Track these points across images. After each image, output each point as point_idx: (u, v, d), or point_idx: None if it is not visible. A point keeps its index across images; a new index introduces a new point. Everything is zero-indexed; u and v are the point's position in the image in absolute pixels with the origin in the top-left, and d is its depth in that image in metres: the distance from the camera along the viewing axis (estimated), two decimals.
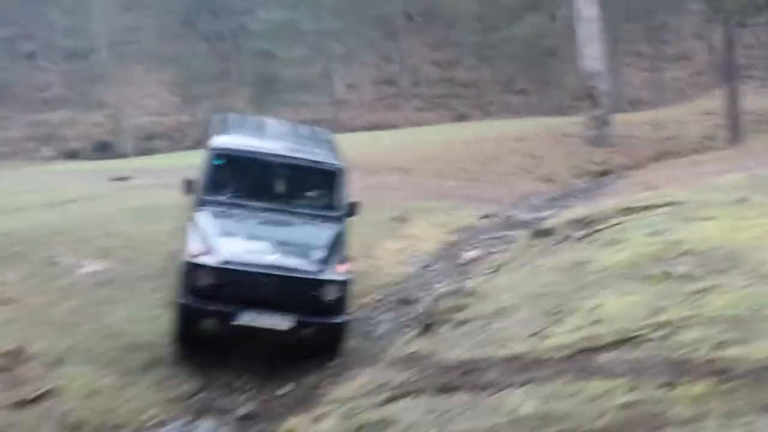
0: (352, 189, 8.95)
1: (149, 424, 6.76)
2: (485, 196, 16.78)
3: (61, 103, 43.54)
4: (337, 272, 7.53)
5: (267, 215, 8.24)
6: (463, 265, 11.16)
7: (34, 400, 6.50)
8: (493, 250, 11.73)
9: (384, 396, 5.69)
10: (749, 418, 3.36)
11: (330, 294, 7.42)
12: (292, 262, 7.53)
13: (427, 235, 13.10)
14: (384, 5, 40.72)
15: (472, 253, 11.65)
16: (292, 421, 6.06)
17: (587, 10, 20.95)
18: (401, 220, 13.67)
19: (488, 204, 15.87)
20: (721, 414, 3.49)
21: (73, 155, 39.41)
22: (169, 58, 44.96)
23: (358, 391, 6.29)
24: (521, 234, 11.64)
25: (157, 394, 7.17)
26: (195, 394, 7.23)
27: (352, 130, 37.63)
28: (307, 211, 8.38)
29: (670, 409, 3.72)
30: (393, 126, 38.67)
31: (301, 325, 7.41)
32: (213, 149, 8.51)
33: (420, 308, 8.05)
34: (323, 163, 8.72)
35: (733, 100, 22.17)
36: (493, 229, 13.52)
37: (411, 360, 6.75)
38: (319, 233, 8.06)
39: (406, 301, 9.78)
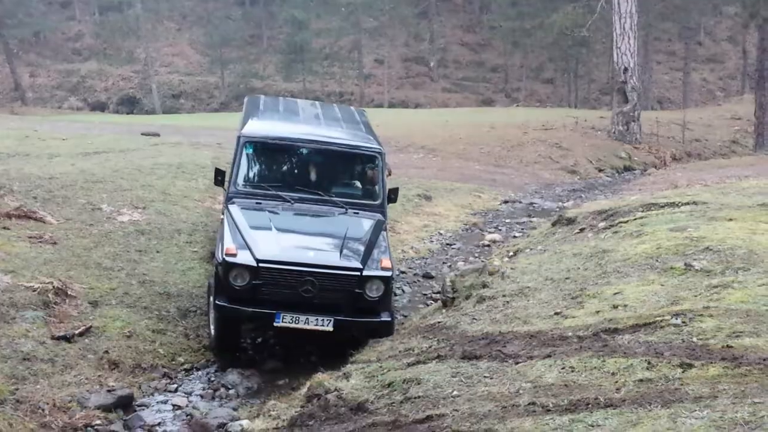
0: None
1: (180, 368, 7.13)
2: (508, 181, 17.03)
3: (92, 55, 43.95)
4: (381, 267, 7.04)
5: (304, 206, 7.72)
6: (484, 245, 11.47)
7: (76, 337, 6.89)
8: (515, 234, 12.05)
9: (409, 359, 6.00)
10: (759, 399, 3.65)
11: (375, 291, 6.96)
12: (332, 258, 7.01)
13: (450, 214, 13.42)
14: None
15: (494, 235, 11.96)
16: (319, 377, 6.29)
17: (625, 4, 21.00)
18: (426, 198, 13.98)
19: (511, 189, 16.14)
20: (732, 394, 3.78)
21: (100, 107, 39.93)
22: (200, 18, 45.26)
23: (383, 354, 6.57)
24: (543, 221, 11.93)
25: (189, 342, 7.54)
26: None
27: (378, 105, 37.88)
28: (346, 200, 7.84)
29: (685, 387, 4.02)
30: (418, 105, 38.88)
31: (345, 325, 6.95)
32: (244, 137, 7.94)
33: (442, 283, 8.30)
34: (362, 147, 8.18)
35: (762, 107, 22.20)
36: (515, 214, 13.80)
37: (434, 330, 7.04)
38: (360, 224, 7.60)
39: (428, 276, 10.14)
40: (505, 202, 14.79)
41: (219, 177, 8.00)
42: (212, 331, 7.33)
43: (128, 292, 7.93)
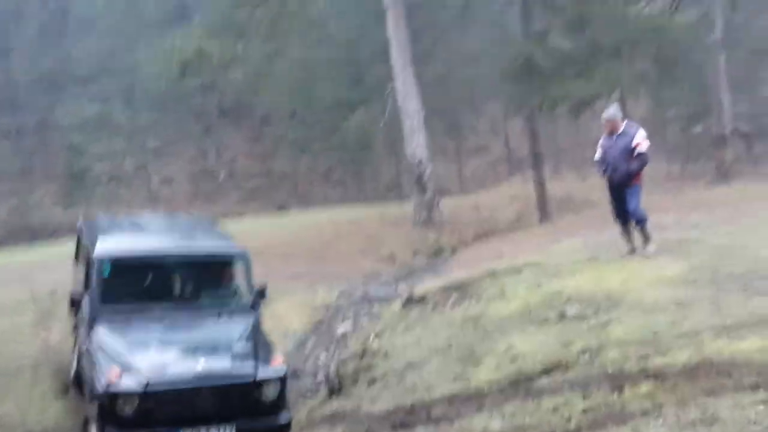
0: None
1: None
2: (336, 274, 17.27)
3: None
4: (273, 367, 6.91)
5: (177, 319, 7.41)
6: (339, 337, 11.55)
7: None
8: (365, 321, 12.25)
9: None
10: (700, 400, 4.13)
11: (272, 391, 6.79)
12: (221, 366, 6.76)
13: (292, 313, 13.32)
14: (199, 99, 41.10)
15: (345, 325, 12.08)
16: None
17: (410, 104, 22.78)
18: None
19: (341, 282, 16.39)
20: (674, 402, 4.24)
21: None
22: None
23: None
24: (388, 305, 12.28)
25: None
26: None
27: None
28: (217, 305, 7.69)
29: (629, 406, 4.43)
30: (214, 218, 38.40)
31: (246, 430, 6.67)
32: (99, 259, 7.56)
33: (325, 373, 8.30)
34: (223, 251, 8.16)
35: (540, 184, 24.75)
36: (354, 304, 14.03)
37: (336, 417, 7.04)
38: (238, 327, 7.40)
39: (294, 374, 9.98)
40: (341, 293, 15.00)
41: (74, 303, 7.49)
42: None
43: None
